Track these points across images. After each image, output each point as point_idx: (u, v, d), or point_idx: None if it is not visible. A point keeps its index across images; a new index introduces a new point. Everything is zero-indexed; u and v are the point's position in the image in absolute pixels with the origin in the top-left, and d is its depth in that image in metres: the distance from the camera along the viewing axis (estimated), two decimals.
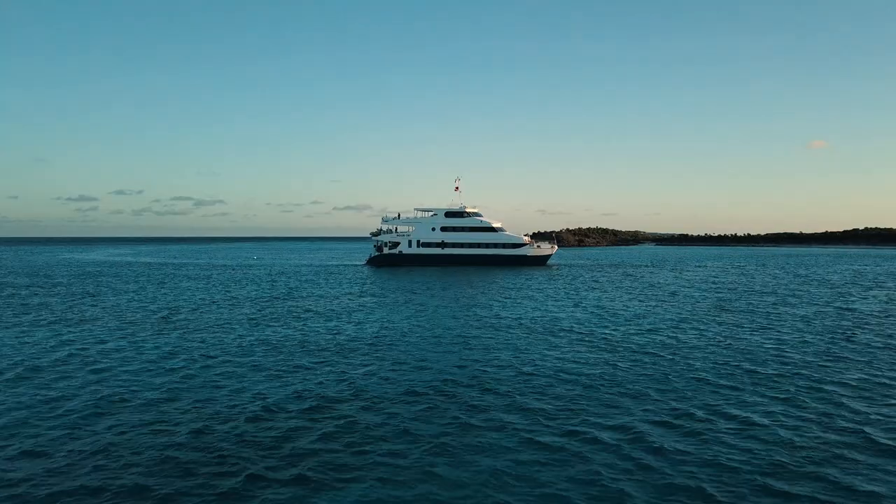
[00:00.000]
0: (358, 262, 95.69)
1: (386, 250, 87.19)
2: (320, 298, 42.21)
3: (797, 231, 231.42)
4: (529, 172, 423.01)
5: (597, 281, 59.82)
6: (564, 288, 50.87)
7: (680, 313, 34.11)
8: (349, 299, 41.56)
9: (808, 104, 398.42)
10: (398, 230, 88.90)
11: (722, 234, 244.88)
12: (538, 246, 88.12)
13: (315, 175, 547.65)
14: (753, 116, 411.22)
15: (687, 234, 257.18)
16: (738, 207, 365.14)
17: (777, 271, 76.58)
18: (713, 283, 57.38)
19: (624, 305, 38.00)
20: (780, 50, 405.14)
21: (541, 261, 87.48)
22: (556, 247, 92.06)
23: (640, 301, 40.62)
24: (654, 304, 39.10)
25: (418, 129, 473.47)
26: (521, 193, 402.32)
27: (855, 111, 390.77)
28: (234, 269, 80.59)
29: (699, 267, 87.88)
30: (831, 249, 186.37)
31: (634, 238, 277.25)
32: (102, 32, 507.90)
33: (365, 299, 41.54)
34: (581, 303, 39.39)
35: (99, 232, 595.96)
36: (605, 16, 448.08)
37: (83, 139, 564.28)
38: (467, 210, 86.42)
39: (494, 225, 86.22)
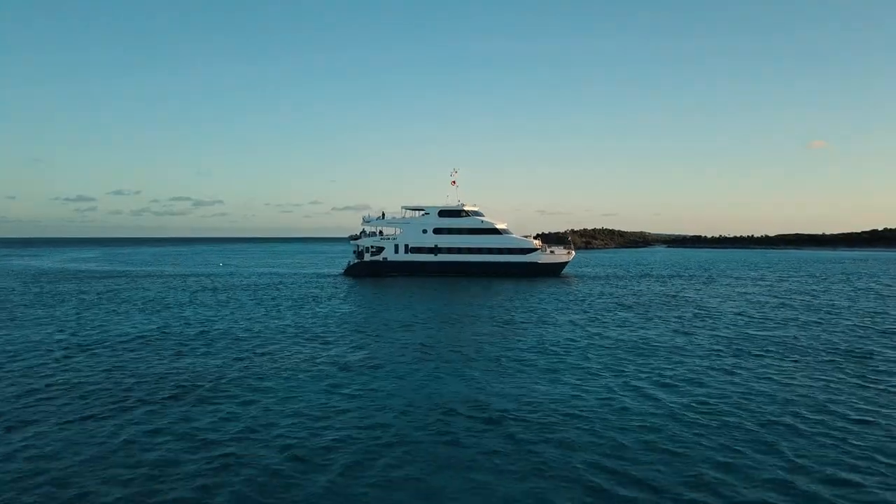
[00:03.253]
0: (336, 272, 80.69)
1: (368, 256, 72.70)
2: (219, 346, 27.94)
3: (818, 232, 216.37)
4: (529, 172, 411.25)
5: (632, 308, 45.53)
6: (599, 318, 36.49)
7: (820, 388, 19.81)
8: (271, 344, 27.32)
9: (808, 104, 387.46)
10: (383, 232, 74.60)
11: (737, 236, 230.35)
12: (551, 251, 72.49)
13: (314, 175, 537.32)
14: (753, 116, 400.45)
15: (700, 236, 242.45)
16: (738, 208, 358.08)
17: (839, 285, 61.95)
18: (783, 307, 42.88)
19: (711, 365, 23.69)
20: (781, 50, 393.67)
21: (555, 270, 72.24)
22: (574, 252, 76.27)
23: (732, 357, 26.25)
24: (754, 358, 24.84)
25: (418, 129, 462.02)
26: (520, 193, 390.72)
27: (855, 111, 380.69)
28: (172, 280, 66.35)
29: (738, 279, 73.46)
30: (857, 253, 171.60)
31: (643, 239, 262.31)
32: (101, 31, 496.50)
33: (294, 351, 27.30)
34: (642, 355, 25.01)
35: (98, 232, 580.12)
36: (605, 15, 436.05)
37: (81, 139, 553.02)
38: (465, 208, 71.36)
39: (498, 226, 71.14)
